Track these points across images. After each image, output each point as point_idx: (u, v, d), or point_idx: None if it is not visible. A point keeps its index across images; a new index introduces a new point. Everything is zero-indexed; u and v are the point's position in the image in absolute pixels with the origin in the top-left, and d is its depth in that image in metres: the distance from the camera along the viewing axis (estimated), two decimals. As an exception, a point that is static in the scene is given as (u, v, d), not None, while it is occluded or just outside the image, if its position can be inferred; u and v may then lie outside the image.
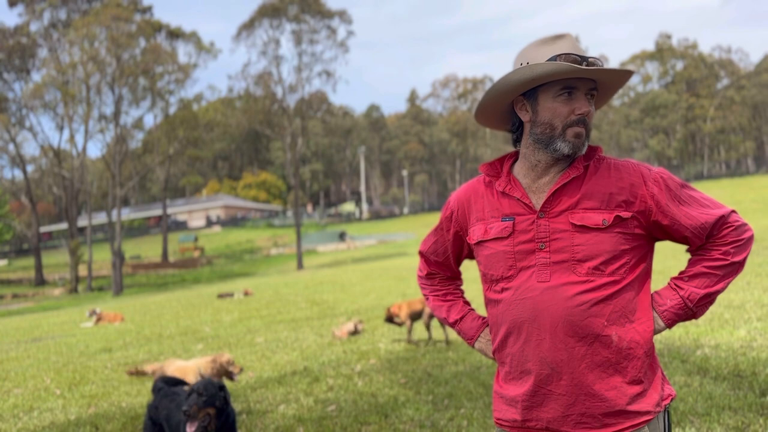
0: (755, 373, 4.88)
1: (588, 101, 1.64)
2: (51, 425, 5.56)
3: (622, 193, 1.64)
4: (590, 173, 1.67)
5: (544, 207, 1.64)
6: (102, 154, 45.10)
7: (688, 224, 1.65)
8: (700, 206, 1.66)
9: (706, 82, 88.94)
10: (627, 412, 1.58)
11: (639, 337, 1.63)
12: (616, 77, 1.66)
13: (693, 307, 1.67)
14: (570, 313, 1.59)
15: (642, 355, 1.63)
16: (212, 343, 9.75)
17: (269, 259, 52.50)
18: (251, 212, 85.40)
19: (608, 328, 1.60)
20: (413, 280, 17.80)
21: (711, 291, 1.66)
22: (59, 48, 46.14)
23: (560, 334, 1.59)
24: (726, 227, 1.65)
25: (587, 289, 1.60)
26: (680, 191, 1.67)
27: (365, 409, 5.11)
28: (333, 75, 48.54)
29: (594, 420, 1.58)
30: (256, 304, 16.10)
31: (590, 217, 1.61)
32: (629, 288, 1.64)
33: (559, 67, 1.57)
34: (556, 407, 1.62)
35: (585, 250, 1.60)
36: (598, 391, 1.58)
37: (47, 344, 12.10)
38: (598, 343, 1.59)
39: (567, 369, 1.60)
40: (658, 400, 1.63)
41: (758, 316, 7.23)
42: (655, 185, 1.65)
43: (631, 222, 1.64)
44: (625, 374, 1.60)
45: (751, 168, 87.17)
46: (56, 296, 41.48)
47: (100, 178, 60.27)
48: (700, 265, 1.67)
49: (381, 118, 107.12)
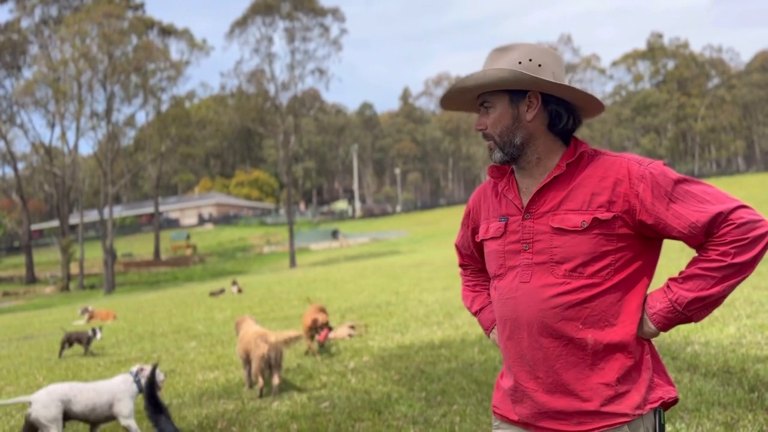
0: (744, 370, 4.94)
1: (484, 115, 1.71)
2: (44, 423, 5.55)
3: (604, 192, 1.60)
4: (578, 172, 1.65)
5: (528, 208, 1.67)
6: (94, 151, 44.91)
7: (676, 224, 1.56)
8: (697, 203, 1.55)
9: (697, 81, 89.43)
10: (602, 413, 1.57)
11: (619, 339, 1.59)
12: (482, 85, 1.66)
13: (683, 311, 1.57)
14: (545, 314, 1.61)
15: (622, 359, 1.59)
16: (205, 341, 9.75)
17: (262, 257, 52.43)
18: (244, 210, 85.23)
19: (583, 331, 1.59)
20: (406, 278, 17.84)
21: (704, 295, 1.55)
22: (50, 45, 45.95)
23: (536, 334, 1.62)
24: (726, 225, 1.52)
25: (563, 292, 1.59)
26: (674, 187, 1.57)
27: (358, 405, 5.14)
28: (326, 73, 48.59)
29: (569, 417, 1.60)
30: (249, 302, 16.10)
31: (569, 219, 1.61)
32: (613, 290, 1.60)
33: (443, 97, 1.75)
34: (533, 404, 1.65)
35: (562, 252, 1.61)
36: (574, 390, 1.59)
37: (39, 342, 12.06)
38: (573, 345, 1.60)
39: (543, 367, 1.62)
40: (639, 403, 1.58)
41: (748, 313, 7.30)
42: (641, 182, 1.58)
43: (615, 222, 1.58)
44: (602, 375, 1.59)
45: (741, 167, 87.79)
46: (47, 294, 41.30)
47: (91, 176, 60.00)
48: (696, 266, 1.57)
49: (374, 116, 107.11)
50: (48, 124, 47.49)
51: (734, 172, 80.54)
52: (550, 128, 1.67)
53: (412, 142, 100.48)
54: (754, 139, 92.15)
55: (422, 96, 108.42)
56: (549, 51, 1.69)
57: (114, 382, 4.68)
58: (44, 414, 4.24)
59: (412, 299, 12.46)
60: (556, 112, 1.65)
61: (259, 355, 5.68)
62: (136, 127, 51.64)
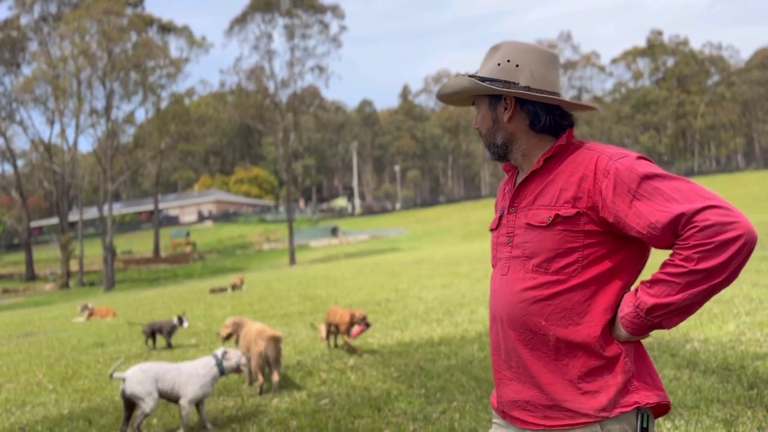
0: (744, 367, 4.94)
1: (477, 114, 1.77)
2: (44, 419, 5.56)
3: (570, 188, 1.58)
4: (554, 166, 1.65)
5: (512, 202, 1.72)
6: (93, 148, 44.89)
7: (635, 223, 1.48)
8: (663, 201, 1.45)
9: (697, 78, 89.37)
10: (565, 409, 1.57)
11: (581, 340, 1.56)
12: (460, 92, 1.73)
13: (646, 318, 1.50)
14: (513, 307, 1.64)
15: (587, 359, 1.56)
16: (205, 338, 9.76)
17: (261, 255, 52.43)
18: (243, 207, 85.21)
19: (546, 327, 1.58)
20: (405, 275, 17.84)
21: (665, 302, 1.46)
22: (50, 42, 45.88)
23: (506, 326, 1.66)
24: (690, 227, 1.42)
25: (530, 287, 1.61)
26: (639, 184, 1.49)
27: (358, 402, 5.14)
28: (325, 70, 48.55)
29: (537, 409, 1.61)
30: (249, 299, 16.10)
31: (538, 215, 1.62)
32: (579, 288, 1.57)
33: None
34: (508, 392, 1.68)
35: (531, 248, 1.63)
36: (539, 383, 1.61)
37: (39, 339, 12.06)
38: (537, 339, 1.61)
39: (515, 358, 1.65)
40: (605, 405, 1.54)
41: (747, 310, 7.31)
42: (605, 178, 1.53)
43: (579, 219, 1.56)
44: (565, 372, 1.58)
45: (741, 164, 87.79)
46: (47, 291, 41.32)
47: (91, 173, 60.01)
48: (662, 270, 1.48)
49: (373, 114, 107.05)
50: (47, 121, 47.49)
51: (734, 169, 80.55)
52: (531, 127, 1.69)
53: (411, 140, 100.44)
54: (753, 136, 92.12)
55: (422, 93, 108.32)
56: (533, 50, 1.68)
57: (196, 364, 4.87)
58: (138, 389, 4.56)
59: (412, 296, 12.47)
60: (533, 112, 1.67)
61: (257, 351, 5.69)
62: (136, 124, 51.59)
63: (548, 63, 1.68)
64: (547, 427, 1.60)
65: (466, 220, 59.24)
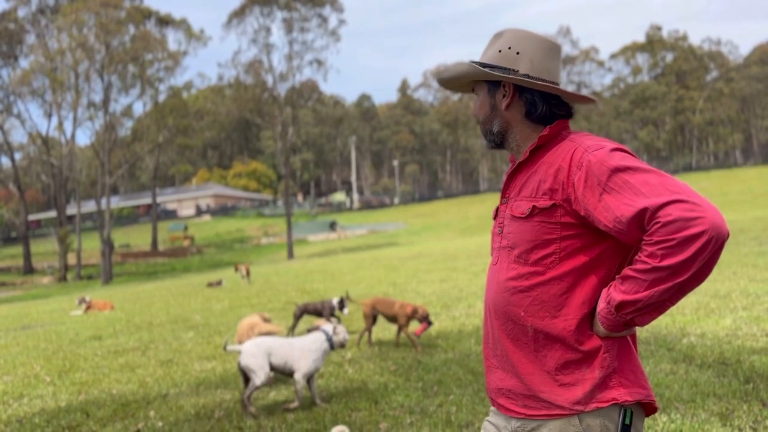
0: (740, 361, 4.96)
1: (475, 102, 1.77)
2: (41, 412, 5.57)
3: (548, 179, 1.58)
4: (539, 158, 1.65)
5: (504, 193, 1.75)
6: (91, 141, 44.75)
7: (602, 217, 1.46)
8: (631, 195, 1.42)
9: (696, 74, 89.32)
10: (542, 399, 1.58)
11: (557, 333, 1.56)
12: (457, 77, 1.74)
13: (617, 314, 1.47)
14: (498, 297, 1.67)
15: (563, 352, 1.56)
16: (203, 331, 9.76)
17: (259, 249, 52.42)
18: (241, 201, 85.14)
19: (525, 318, 1.60)
20: (403, 270, 17.85)
21: (632, 299, 1.43)
22: (47, 34, 45.70)
23: (492, 315, 1.70)
24: (654, 223, 1.38)
25: (512, 277, 1.64)
26: (609, 177, 1.46)
27: (355, 395, 5.15)
28: (324, 64, 48.37)
29: (517, 398, 1.63)
30: (246, 292, 16.10)
31: (520, 206, 1.64)
32: (556, 281, 1.56)
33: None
34: (494, 380, 1.71)
35: (512, 238, 1.66)
36: (519, 373, 1.63)
37: (36, 332, 12.06)
38: (517, 330, 1.62)
39: (500, 347, 1.68)
40: (579, 399, 1.53)
41: (743, 305, 7.32)
42: (578, 170, 1.52)
43: (555, 211, 1.56)
44: (543, 363, 1.58)
45: (739, 160, 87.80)
46: (45, 284, 41.29)
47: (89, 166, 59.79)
48: (630, 267, 1.46)
49: (372, 108, 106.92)
50: (45, 114, 47.36)
51: (732, 165, 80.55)
52: (527, 116, 1.69)
53: (410, 134, 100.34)
54: (752, 132, 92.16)
55: (421, 87, 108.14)
56: (535, 38, 1.68)
57: (307, 339, 5.03)
58: (251, 362, 4.82)
59: (410, 291, 12.48)
60: (531, 100, 1.66)
61: None
62: (134, 117, 51.51)
63: (549, 52, 1.68)
64: (527, 416, 1.61)
65: (464, 215, 59.25)
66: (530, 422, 1.61)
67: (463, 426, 4.17)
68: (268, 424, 4.60)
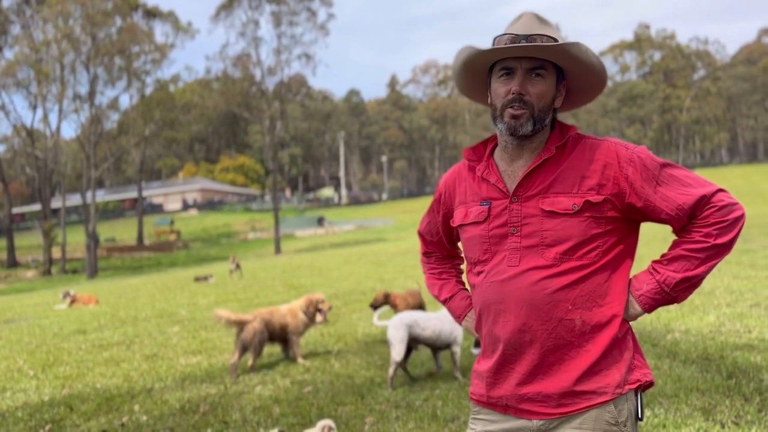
0: (723, 357, 5.01)
1: (529, 81, 1.61)
2: (24, 405, 5.51)
3: (594, 175, 1.62)
4: (565, 155, 1.65)
5: (516, 191, 1.66)
6: (76, 134, 44.38)
7: (664, 206, 1.60)
8: (681, 186, 1.60)
9: (683, 72, 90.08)
10: (584, 392, 1.59)
11: (606, 320, 1.62)
12: (557, 54, 1.59)
13: (670, 292, 1.62)
14: (534, 297, 1.61)
15: (607, 339, 1.61)
16: (188, 326, 9.71)
17: (246, 244, 52.25)
18: (228, 196, 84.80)
19: (572, 312, 1.60)
20: (391, 266, 17.87)
21: (690, 275, 1.60)
22: (32, 25, 45.10)
23: (524, 317, 1.62)
24: (709, 207, 1.58)
25: (553, 274, 1.60)
26: (659, 171, 1.61)
27: (342, 390, 5.15)
28: (313, 58, 48.26)
29: (550, 399, 1.61)
30: (233, 287, 16.04)
31: (560, 202, 1.61)
32: (600, 271, 1.62)
33: (462, 54, 1.67)
34: (516, 385, 1.65)
35: (553, 235, 1.61)
36: (557, 372, 1.61)
37: (20, 326, 11.94)
38: (561, 327, 1.60)
39: (529, 350, 1.62)
40: (619, 382, 1.60)
41: (727, 302, 7.39)
42: (630, 166, 1.61)
43: (604, 205, 1.61)
44: (586, 357, 1.60)
45: (724, 158, 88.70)
46: (29, 278, 40.90)
47: (74, 159, 59.33)
48: (680, 248, 1.62)
49: (361, 103, 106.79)
50: (30, 106, 46.79)
51: (717, 163, 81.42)
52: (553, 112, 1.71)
53: (399, 130, 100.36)
54: (737, 131, 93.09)
55: (410, 83, 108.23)
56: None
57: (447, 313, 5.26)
58: (392, 334, 5.05)
59: (397, 286, 12.49)
60: (562, 98, 1.72)
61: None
62: (120, 110, 51.12)
63: None
64: (562, 414, 1.60)
65: (452, 211, 59.27)
66: (557, 419, 1.61)
67: (448, 420, 4.18)
68: (254, 418, 4.58)
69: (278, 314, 6.35)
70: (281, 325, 6.30)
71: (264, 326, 6.13)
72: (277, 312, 6.38)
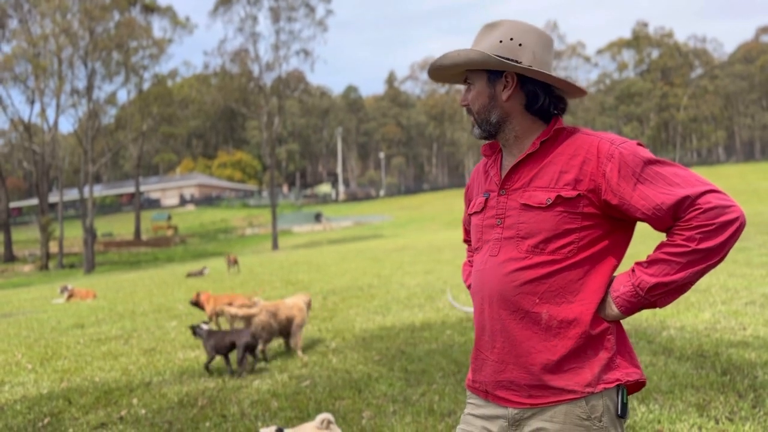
0: (718, 354, 5.05)
1: (468, 92, 1.75)
2: (23, 398, 5.54)
3: (571, 170, 1.61)
4: (551, 149, 1.67)
5: (504, 184, 1.72)
6: (74, 129, 44.25)
7: (641, 205, 1.54)
8: (665, 185, 1.53)
9: (681, 71, 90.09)
10: (550, 387, 1.61)
11: (574, 317, 1.60)
12: (455, 66, 1.71)
13: (645, 296, 1.56)
14: (505, 287, 1.66)
15: (575, 336, 1.60)
16: (186, 321, 9.73)
17: (244, 239, 52.23)
18: (226, 191, 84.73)
19: (539, 305, 1.62)
20: (388, 262, 17.90)
21: (666, 281, 1.53)
22: (30, 19, 44.91)
23: (496, 306, 1.67)
24: (693, 209, 1.50)
25: (524, 267, 1.63)
26: (643, 168, 1.55)
27: (339, 384, 5.18)
28: (311, 54, 48.11)
29: (521, 389, 1.64)
30: (231, 283, 16.06)
31: (536, 196, 1.64)
32: (574, 267, 1.61)
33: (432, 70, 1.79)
34: (490, 372, 1.71)
35: (527, 228, 1.64)
36: (525, 363, 1.63)
37: (18, 320, 11.95)
38: (528, 319, 1.63)
39: (500, 338, 1.67)
40: (590, 381, 1.59)
41: (723, 299, 7.44)
42: (609, 162, 1.57)
43: (579, 201, 1.60)
44: (553, 351, 1.61)
45: (721, 157, 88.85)
46: (26, 273, 40.85)
47: (71, 154, 59.23)
48: (661, 251, 1.55)
49: (359, 100, 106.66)
50: (27, 100, 46.62)
51: (714, 162, 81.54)
52: (527, 108, 1.70)
53: (396, 126, 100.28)
54: (734, 129, 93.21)
55: (408, 80, 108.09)
56: (534, 30, 1.69)
57: None
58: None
59: (394, 282, 12.52)
60: (533, 92, 1.68)
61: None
62: (118, 105, 50.96)
63: (547, 45, 1.71)
64: (532, 405, 1.63)
65: (449, 208, 59.41)
66: (531, 409, 1.64)
67: (445, 415, 4.21)
68: (252, 412, 4.61)
69: (284, 307, 6.48)
70: (287, 317, 6.40)
71: (270, 318, 6.24)
72: (283, 305, 6.52)
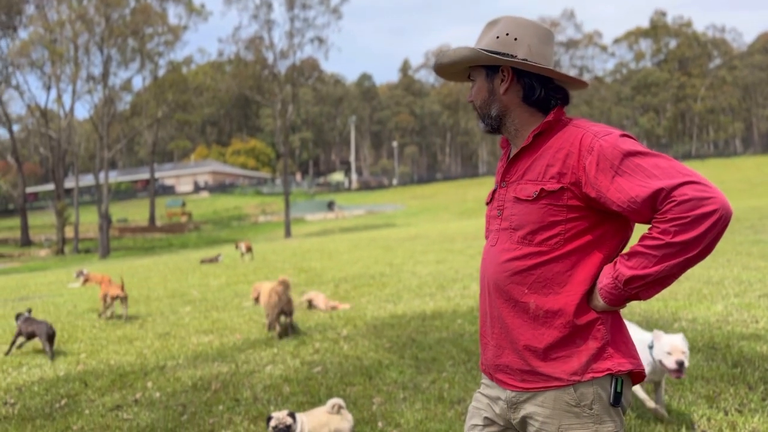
0: (729, 346, 5.04)
1: (473, 87, 1.82)
2: (40, 380, 5.65)
3: (556, 164, 1.65)
4: (543, 142, 1.71)
5: (504, 177, 1.80)
6: (90, 115, 44.55)
7: (616, 198, 1.54)
8: (643, 177, 1.51)
9: (699, 61, 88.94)
10: (540, 373, 1.67)
11: (559, 307, 1.64)
12: (454, 63, 1.78)
13: (624, 289, 1.56)
14: (498, 276, 1.74)
15: (561, 326, 1.64)
16: (200, 306, 9.84)
17: (257, 227, 52.49)
18: (239, 179, 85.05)
19: (528, 295, 1.68)
20: (400, 250, 17.92)
21: (643, 273, 1.52)
22: (47, 5, 45.17)
23: (494, 294, 1.76)
24: (668, 202, 1.48)
25: (514, 257, 1.70)
26: (622, 161, 1.54)
27: (350, 371, 5.23)
28: (325, 42, 48.07)
29: (515, 373, 1.73)
30: (244, 269, 16.17)
31: (526, 189, 1.70)
32: (561, 259, 1.65)
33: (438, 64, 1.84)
34: (490, 356, 1.80)
35: (518, 220, 1.71)
36: (517, 349, 1.71)
37: (35, 303, 12.13)
38: (518, 308, 1.70)
39: (497, 324, 1.76)
40: (576, 370, 1.63)
41: (736, 292, 7.40)
42: (589, 155, 1.59)
43: (563, 194, 1.63)
44: (540, 340, 1.66)
45: (738, 149, 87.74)
46: (42, 257, 41.35)
47: (87, 140, 59.59)
48: (640, 243, 1.55)
49: (372, 88, 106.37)
50: (44, 86, 47.03)
51: (731, 153, 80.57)
52: (525, 100, 1.74)
53: (410, 115, 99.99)
54: (752, 121, 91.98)
55: (422, 68, 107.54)
56: (531, 25, 1.73)
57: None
58: None
59: (406, 271, 12.55)
60: (529, 84, 1.72)
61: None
62: (133, 91, 51.20)
63: (544, 38, 1.74)
64: (524, 389, 1.71)
65: (462, 198, 59.31)
66: (525, 393, 1.71)
67: (455, 402, 4.25)
68: (264, 396, 4.68)
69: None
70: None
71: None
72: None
